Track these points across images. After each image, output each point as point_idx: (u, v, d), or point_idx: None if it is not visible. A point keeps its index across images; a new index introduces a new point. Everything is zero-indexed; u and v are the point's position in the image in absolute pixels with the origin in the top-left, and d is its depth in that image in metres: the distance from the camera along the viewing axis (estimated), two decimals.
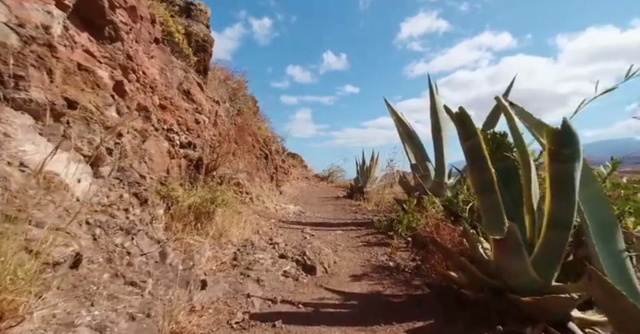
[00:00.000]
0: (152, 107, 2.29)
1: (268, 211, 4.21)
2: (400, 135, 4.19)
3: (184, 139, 2.72)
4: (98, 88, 1.59)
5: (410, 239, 2.88)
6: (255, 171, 4.61)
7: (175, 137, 2.54)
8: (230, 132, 3.31)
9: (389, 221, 3.82)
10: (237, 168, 3.68)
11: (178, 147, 2.59)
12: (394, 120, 4.12)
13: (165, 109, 2.53)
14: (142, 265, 1.32)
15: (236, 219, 2.73)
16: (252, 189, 4.18)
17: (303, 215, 4.55)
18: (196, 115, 3.10)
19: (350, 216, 4.68)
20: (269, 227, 3.29)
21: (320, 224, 3.91)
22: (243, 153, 4.21)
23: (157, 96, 2.43)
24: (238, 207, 3.12)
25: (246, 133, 4.15)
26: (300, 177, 14.22)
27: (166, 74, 2.83)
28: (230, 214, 2.56)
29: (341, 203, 6.48)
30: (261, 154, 5.14)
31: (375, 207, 5.54)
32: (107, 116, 1.56)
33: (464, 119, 1.55)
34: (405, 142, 4.17)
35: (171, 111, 2.62)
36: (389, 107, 4.11)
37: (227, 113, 4.30)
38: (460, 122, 1.57)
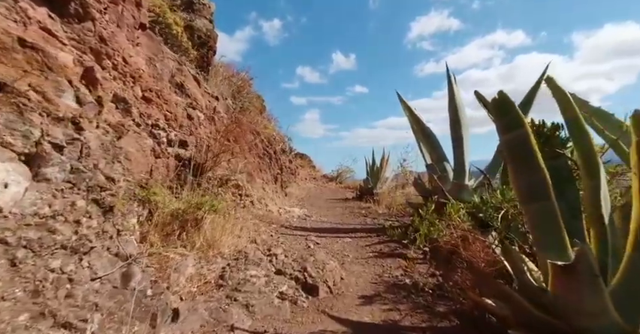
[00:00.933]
0: (132, 99, 2.01)
1: (271, 214, 3.90)
2: (414, 133, 3.83)
3: (173, 136, 2.43)
4: (49, 71, 1.30)
5: (427, 250, 2.53)
6: (258, 171, 4.31)
7: (162, 134, 2.25)
8: (228, 128, 3.01)
9: (403, 228, 3.47)
10: (236, 169, 3.38)
11: (165, 145, 2.30)
12: (408, 117, 3.76)
13: (151, 102, 2.25)
14: (89, 295, 1.02)
15: (230, 226, 2.42)
16: (253, 191, 3.88)
17: (309, 219, 4.22)
18: (189, 110, 2.81)
19: (359, 220, 4.34)
20: (269, 234, 2.97)
21: (326, 230, 3.58)
22: (244, 152, 3.92)
23: (140, 87, 2.14)
24: (234, 212, 2.81)
25: (245, 130, 3.85)
26: (307, 177, 13.92)
27: (155, 65, 2.55)
28: (223, 221, 2.25)
29: (350, 205, 6.14)
30: (265, 154, 4.84)
31: (387, 211, 5.18)
32: (58, 104, 1.27)
33: (505, 105, 1.20)
34: (419, 141, 3.81)
35: (158, 105, 2.33)
36: (402, 103, 3.75)
37: (227, 110, 4.02)
38: (500, 109, 1.22)
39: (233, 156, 3.59)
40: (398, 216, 4.69)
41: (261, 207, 3.99)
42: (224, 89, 5.20)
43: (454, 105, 3.25)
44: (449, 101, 3.28)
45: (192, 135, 2.79)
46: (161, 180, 2.19)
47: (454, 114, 3.26)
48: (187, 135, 2.68)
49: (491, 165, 3.18)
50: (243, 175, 3.68)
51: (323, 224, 3.96)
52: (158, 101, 2.33)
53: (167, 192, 2.15)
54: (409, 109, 3.67)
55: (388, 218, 4.43)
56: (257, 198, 3.94)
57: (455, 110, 3.24)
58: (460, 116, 3.23)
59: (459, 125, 3.24)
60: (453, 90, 3.26)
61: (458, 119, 3.24)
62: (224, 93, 5.00)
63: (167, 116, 2.42)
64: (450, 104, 3.27)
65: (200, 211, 1.93)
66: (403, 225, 3.76)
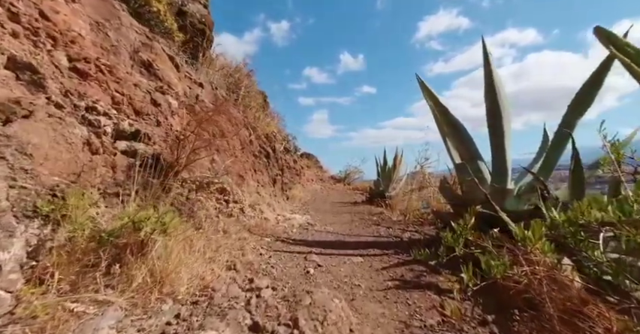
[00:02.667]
0: (51, 68, 1.39)
1: (266, 224, 3.27)
2: (439, 126, 3.15)
3: (127, 126, 1.82)
4: None
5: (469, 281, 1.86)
6: (252, 172, 3.69)
7: (103, 121, 1.64)
8: (209, 117, 2.39)
9: (427, 242, 2.80)
10: (220, 169, 2.75)
11: (110, 137, 1.69)
12: (431, 106, 3.08)
13: (87, 77, 1.64)
14: None
15: (202, 247, 1.79)
16: (245, 196, 3.25)
17: (311, 229, 3.58)
18: (156, 95, 2.20)
19: (371, 230, 3.67)
20: (258, 253, 2.34)
21: (332, 244, 2.93)
22: (234, 149, 3.30)
23: (68, 55, 1.53)
24: (212, 224, 2.20)
25: (237, 123, 3.24)
26: (314, 178, 13.29)
27: (106, 34, 1.95)
28: (183, 243, 1.63)
29: (359, 210, 5.47)
30: (262, 152, 4.22)
31: (402, 218, 4.51)
32: None
33: None
34: (445, 135, 3.13)
35: (102, 83, 1.72)
36: (425, 90, 3.08)
37: (215, 100, 3.40)
38: None
39: (218, 154, 2.97)
40: (416, 224, 4.01)
41: (254, 215, 3.36)
42: (217, 79, 4.60)
43: (492, 90, 2.56)
44: (486, 86, 2.60)
45: (160, 126, 2.18)
46: (100, 185, 1.58)
47: (492, 101, 2.57)
48: (151, 125, 2.07)
49: (544, 165, 2.49)
50: (232, 177, 3.06)
51: (328, 235, 3.31)
52: (102, 78, 1.72)
53: (105, 202, 1.53)
54: (433, 96, 2.99)
55: (405, 228, 3.76)
56: (249, 204, 3.31)
57: (493, 96, 2.56)
58: (500, 103, 2.55)
59: (499, 114, 2.56)
60: (491, 72, 2.58)
61: (497, 107, 2.56)
62: (216, 83, 4.40)
63: (117, 99, 1.81)
64: (488, 89, 2.59)
65: (138, 231, 1.30)
66: (426, 238, 3.10)
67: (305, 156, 18.42)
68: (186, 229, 1.97)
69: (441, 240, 2.88)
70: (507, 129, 2.57)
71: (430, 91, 3.01)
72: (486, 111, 2.63)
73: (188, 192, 2.41)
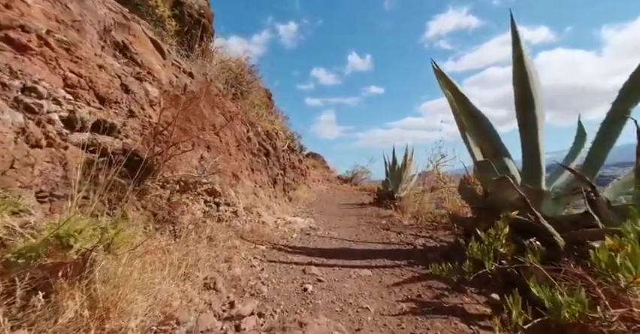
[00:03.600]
0: None
1: (263, 229, 2.94)
2: (457, 118, 2.78)
3: (85, 114, 1.50)
4: None
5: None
6: (248, 172, 3.37)
7: (48, 106, 1.32)
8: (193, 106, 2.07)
9: (445, 253, 2.43)
10: (210, 168, 2.43)
11: (61, 127, 1.37)
12: (448, 96, 2.71)
13: (28, 51, 1.33)
14: None
15: (173, 262, 1.47)
16: (239, 197, 2.92)
17: (314, 234, 3.24)
18: (129, 81, 1.88)
19: (380, 236, 3.31)
20: (248, 265, 2.01)
21: (336, 253, 2.58)
22: (228, 146, 2.98)
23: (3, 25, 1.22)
24: (192, 233, 1.88)
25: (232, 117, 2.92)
26: (320, 178, 12.95)
27: (65, 5, 1.64)
28: (149, 258, 1.30)
29: (367, 212, 5.11)
30: (261, 150, 3.89)
31: (414, 221, 4.13)
32: None
33: None
34: (465, 129, 2.75)
35: (51, 60, 1.41)
36: (441, 77, 2.71)
37: (207, 92, 3.09)
38: None
39: (209, 150, 2.65)
40: (429, 229, 3.64)
41: (250, 219, 3.03)
42: (215, 72, 4.29)
43: (523, 75, 2.19)
44: (516, 71, 2.22)
45: (134, 116, 1.87)
46: (44, 186, 1.26)
47: (523, 88, 2.20)
48: (122, 115, 1.76)
49: (588, 162, 2.11)
50: (224, 176, 2.74)
51: (332, 242, 2.97)
52: (51, 55, 1.41)
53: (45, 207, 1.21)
54: (450, 84, 2.62)
55: (418, 233, 3.39)
56: (244, 207, 2.99)
57: (525, 82, 2.18)
58: (532, 91, 2.17)
59: (531, 103, 2.18)
60: (521, 54, 2.20)
61: (530, 95, 2.18)
62: (213, 76, 4.09)
63: (71, 81, 1.49)
64: (518, 74, 2.21)
65: (71, 248, 0.98)
66: (442, 246, 2.73)
67: (311, 156, 18.10)
68: (161, 238, 1.65)
69: (461, 249, 2.52)
70: (540, 120, 2.19)
71: (446, 78, 2.64)
72: (515, 101, 2.25)
73: (170, 193, 2.09)
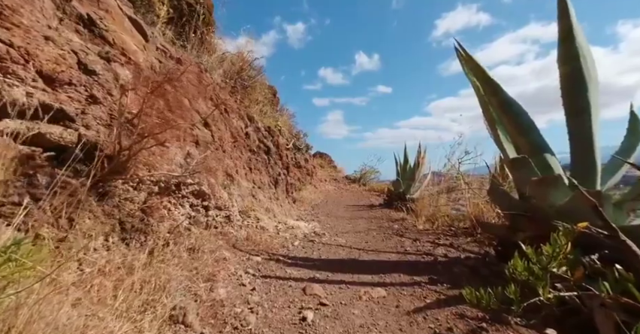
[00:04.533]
0: None
1: (260, 235, 2.60)
2: (484, 109, 2.38)
3: (20, 96, 1.18)
4: None
5: None
6: (245, 171, 3.03)
7: None
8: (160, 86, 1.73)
9: (474, 268, 2.04)
10: (195, 166, 2.10)
11: None
12: (474, 83, 2.33)
13: None
14: None
15: (131, 287, 1.14)
16: (234, 200, 2.58)
17: (318, 241, 2.88)
18: (89, 58, 1.55)
19: (393, 243, 2.94)
20: (236, 283, 1.66)
21: (342, 266, 2.22)
22: (221, 141, 2.64)
23: None
24: (172, 244, 1.55)
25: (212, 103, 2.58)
26: (327, 178, 12.59)
27: None
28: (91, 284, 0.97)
29: (376, 215, 4.74)
30: (260, 147, 3.55)
31: (429, 226, 3.74)
32: None
33: None
34: (495, 120, 2.35)
35: None
36: (466, 61, 2.32)
37: (199, 81, 2.75)
38: None
39: (197, 146, 2.32)
40: (448, 235, 3.25)
41: (247, 224, 2.69)
42: (211, 63, 3.97)
43: (573, 51, 1.79)
44: (564, 46, 1.82)
45: (98, 103, 1.53)
46: None
47: (572, 65, 1.80)
48: (79, 101, 1.43)
49: None
50: (215, 176, 2.40)
51: (338, 251, 2.60)
52: None
53: None
54: (479, 70, 2.23)
55: (436, 240, 3.01)
56: (240, 211, 2.65)
57: (575, 60, 1.79)
58: (585, 71, 1.77)
59: (583, 85, 1.78)
60: (570, 26, 1.80)
61: (581, 76, 1.78)
62: (209, 67, 3.77)
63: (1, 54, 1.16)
64: (566, 50, 1.82)
65: None
66: (468, 258, 2.34)
67: (318, 155, 17.76)
68: (127, 253, 1.32)
69: (492, 262, 2.13)
70: (595, 106, 1.79)
71: (474, 63, 2.25)
72: (561, 83, 1.86)
73: (147, 196, 1.76)
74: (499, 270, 1.97)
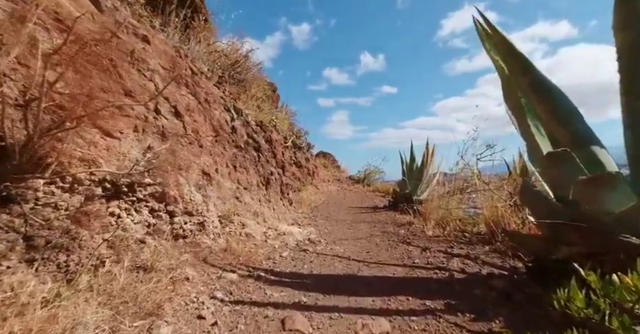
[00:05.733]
0: None
1: (244, 244, 2.21)
2: (509, 95, 1.96)
3: None
4: None
5: None
6: (229, 169, 2.64)
7: None
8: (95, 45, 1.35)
9: (504, 291, 1.62)
10: (166, 163, 1.71)
11: None
12: (497, 63, 1.91)
13: None
14: None
15: None
16: (211, 203, 2.20)
17: (312, 251, 2.48)
18: None
19: (399, 253, 2.53)
20: (192, 316, 1.26)
21: (337, 285, 1.81)
22: (197, 134, 2.26)
23: None
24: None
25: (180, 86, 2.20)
26: (330, 179, 12.18)
27: None
28: None
29: (380, 219, 4.32)
30: (249, 143, 3.16)
31: (440, 231, 3.32)
32: None
33: None
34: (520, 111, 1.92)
35: None
36: (487, 36, 1.91)
37: (173, 65, 2.36)
38: None
39: (163, 139, 1.94)
40: (462, 242, 2.84)
41: (229, 231, 2.31)
42: (197, 51, 3.60)
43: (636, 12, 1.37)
44: (624, 8, 1.40)
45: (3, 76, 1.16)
46: None
47: (633, 30, 1.38)
48: None
49: None
50: (187, 175, 2.01)
51: (334, 264, 2.20)
52: None
53: None
54: (506, 47, 1.81)
55: (449, 249, 2.59)
56: (219, 216, 2.26)
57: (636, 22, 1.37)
58: None
59: None
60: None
61: None
62: (195, 56, 3.39)
63: None
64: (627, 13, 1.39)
65: None
66: (491, 275, 1.92)
67: (322, 155, 17.38)
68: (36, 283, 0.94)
69: (525, 283, 1.71)
70: None
71: (498, 35, 1.84)
72: (619, 55, 1.43)
73: (85, 200, 1.38)
74: (534, 294, 1.55)
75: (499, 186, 3.30)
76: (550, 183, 1.79)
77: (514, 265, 2.06)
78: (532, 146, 1.92)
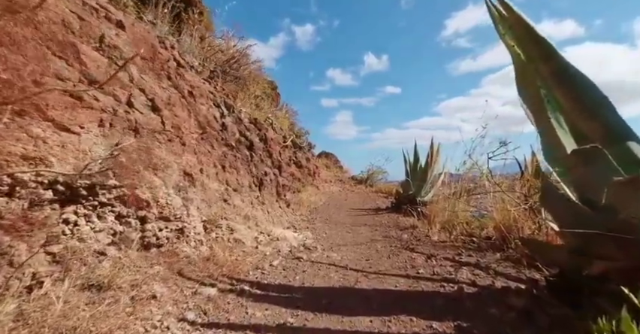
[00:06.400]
0: None
1: (231, 251, 2.00)
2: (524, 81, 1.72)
3: None
4: None
5: None
6: (216, 170, 2.43)
7: None
8: None
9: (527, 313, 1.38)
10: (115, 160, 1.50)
11: None
12: (510, 44, 1.67)
13: None
14: None
15: None
16: (193, 207, 1.99)
17: (306, 258, 2.26)
18: None
19: (402, 261, 2.30)
20: None
21: (331, 301, 1.59)
22: (179, 131, 2.05)
23: None
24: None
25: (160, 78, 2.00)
26: (332, 179, 11.96)
27: None
28: None
29: (383, 221, 4.09)
30: (241, 141, 2.94)
31: (445, 236, 3.09)
32: None
33: None
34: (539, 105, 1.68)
35: None
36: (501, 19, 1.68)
37: (154, 54, 2.15)
38: None
39: (137, 135, 1.73)
40: (470, 249, 2.61)
41: (215, 237, 2.11)
42: (187, 44, 3.40)
43: None
44: None
45: None
46: None
47: None
48: None
49: None
50: (163, 175, 1.80)
51: (330, 275, 1.98)
52: None
53: None
54: (521, 23, 1.58)
55: (456, 256, 2.36)
56: (204, 221, 2.05)
57: None
58: None
59: None
60: None
61: None
62: (185, 47, 3.19)
63: None
64: None
65: None
66: (506, 290, 1.69)
67: (324, 155, 17.16)
68: None
69: (549, 302, 1.48)
70: None
71: (514, 15, 1.61)
72: None
73: (30, 207, 1.17)
74: (562, 316, 1.32)
75: (511, 186, 3.06)
76: (575, 185, 1.56)
77: (532, 277, 1.82)
78: (552, 143, 1.68)
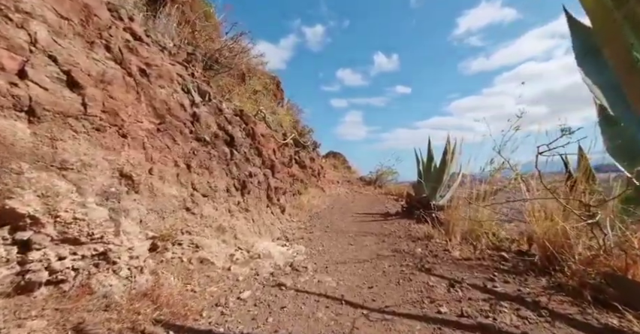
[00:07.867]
0: None
1: (187, 279, 1.47)
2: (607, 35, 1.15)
3: None
4: None
5: None
6: (177, 170, 1.90)
7: None
8: None
9: None
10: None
11: None
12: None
13: None
14: None
15: None
16: (128, 219, 1.46)
17: (290, 287, 1.71)
18: None
19: (416, 290, 1.73)
20: None
21: None
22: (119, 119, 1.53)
23: None
24: None
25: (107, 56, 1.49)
26: (339, 180, 11.37)
27: None
28: None
29: (392, 230, 3.51)
30: (218, 136, 2.41)
31: (469, 250, 2.49)
32: None
33: None
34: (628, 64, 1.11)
35: None
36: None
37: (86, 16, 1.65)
38: None
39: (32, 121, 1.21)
40: (504, 271, 2.02)
41: (172, 258, 1.58)
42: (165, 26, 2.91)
43: None
44: None
45: None
46: None
47: None
48: None
49: None
50: (79, 176, 1.28)
51: (316, 315, 1.42)
52: None
53: None
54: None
55: (487, 283, 1.78)
56: (151, 238, 1.53)
57: None
58: None
59: None
60: None
61: None
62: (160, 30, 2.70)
63: None
64: None
65: None
66: None
67: (331, 155, 16.55)
68: None
69: None
70: None
71: None
72: None
73: None
74: None
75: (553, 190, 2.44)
76: None
77: (610, 325, 1.24)
78: (630, 142, 1.10)
